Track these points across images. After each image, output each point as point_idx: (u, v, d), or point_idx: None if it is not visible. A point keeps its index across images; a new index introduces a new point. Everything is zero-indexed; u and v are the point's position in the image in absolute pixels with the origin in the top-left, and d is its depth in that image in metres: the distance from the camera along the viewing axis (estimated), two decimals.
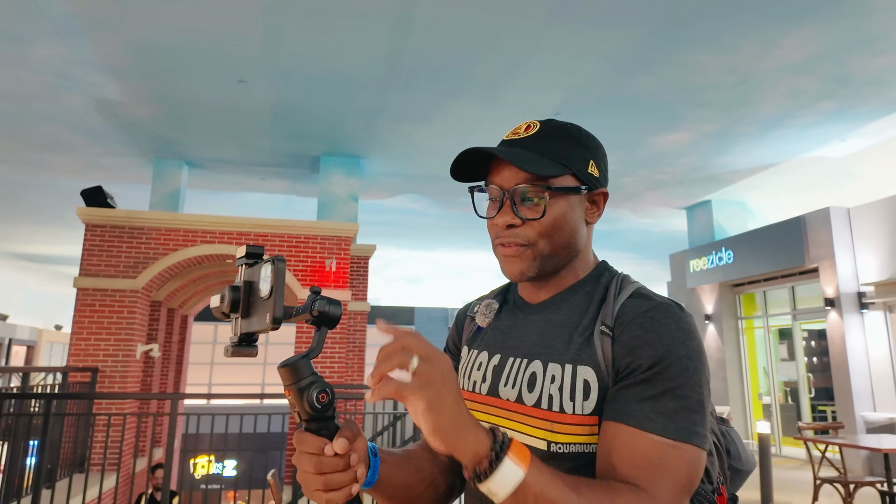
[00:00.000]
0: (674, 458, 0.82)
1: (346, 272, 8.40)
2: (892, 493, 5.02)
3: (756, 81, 6.86)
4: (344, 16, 5.77)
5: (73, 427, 6.55)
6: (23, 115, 7.98)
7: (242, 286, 0.81)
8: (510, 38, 6.13)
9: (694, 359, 0.88)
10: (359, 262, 9.78)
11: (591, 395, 0.89)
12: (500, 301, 1.11)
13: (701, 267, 11.36)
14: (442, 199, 11.77)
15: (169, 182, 9.65)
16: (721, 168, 9.70)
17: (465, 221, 13.33)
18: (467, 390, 1.04)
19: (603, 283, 1.01)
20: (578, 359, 0.92)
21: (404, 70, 6.79)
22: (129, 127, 8.39)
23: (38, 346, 20.97)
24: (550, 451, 0.90)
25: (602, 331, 0.92)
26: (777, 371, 10.55)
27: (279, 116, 8.06)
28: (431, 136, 8.66)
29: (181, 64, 6.68)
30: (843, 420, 8.30)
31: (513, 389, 0.97)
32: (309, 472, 0.79)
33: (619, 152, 9.15)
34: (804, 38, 5.98)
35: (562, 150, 0.98)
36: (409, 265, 19.04)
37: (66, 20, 5.81)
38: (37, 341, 20.90)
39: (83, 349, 7.41)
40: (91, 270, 7.63)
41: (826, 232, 8.87)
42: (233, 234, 8.12)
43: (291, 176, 10.54)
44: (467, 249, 16.38)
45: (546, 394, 0.92)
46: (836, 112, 7.61)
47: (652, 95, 7.27)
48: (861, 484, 5.30)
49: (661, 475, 0.82)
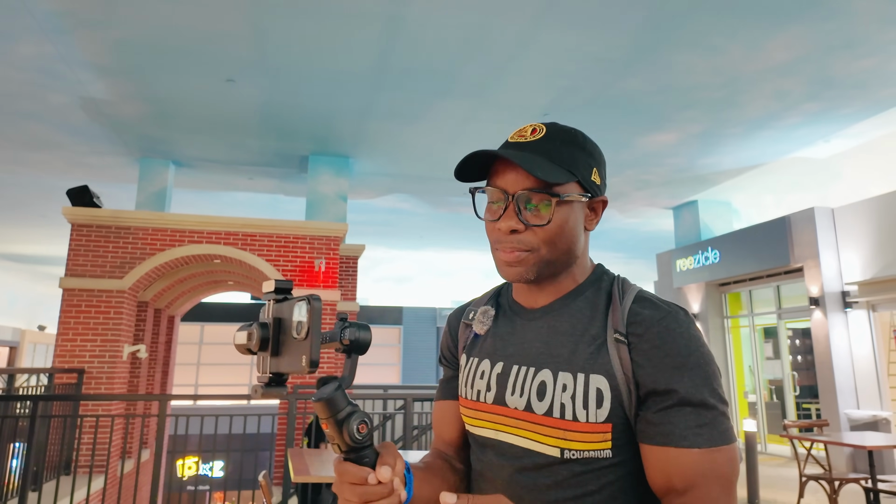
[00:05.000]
0: (719, 463, 0.88)
1: (335, 272, 8.38)
2: (876, 490, 5.09)
3: (742, 83, 6.93)
4: (333, 15, 5.76)
5: (59, 429, 6.48)
6: (7, 114, 7.88)
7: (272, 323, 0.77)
8: (499, 39, 6.15)
9: (710, 363, 0.92)
10: (348, 262, 9.76)
11: (605, 403, 0.91)
12: (495, 306, 1.10)
13: (687, 266, 11.46)
14: (430, 198, 11.77)
15: (155, 181, 9.57)
16: (707, 168, 9.79)
17: (453, 221, 13.34)
18: (471, 399, 1.04)
19: (604, 287, 1.01)
20: (591, 368, 0.93)
21: (393, 70, 6.78)
22: (116, 126, 8.32)
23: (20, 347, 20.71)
24: (564, 457, 0.92)
25: (616, 339, 0.93)
26: (762, 369, 10.67)
27: (267, 115, 8.03)
28: (420, 135, 8.66)
29: (168, 62, 6.63)
30: (828, 417, 8.41)
31: (521, 398, 0.97)
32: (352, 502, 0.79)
33: (606, 153, 9.06)
34: (789, 41, 6.06)
35: (569, 157, 0.97)
36: (398, 265, 19.02)
37: (52, 17, 5.75)
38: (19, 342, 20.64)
39: (69, 350, 7.34)
40: (77, 271, 7.55)
41: (811, 232, 8.98)
42: (220, 234, 8.07)
43: (279, 175, 10.50)
44: (455, 249, 16.41)
45: (558, 402, 0.93)
46: (820, 113, 7.71)
47: (639, 96, 7.32)
48: (846, 480, 5.37)
49: (714, 481, 0.87)
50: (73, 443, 6.63)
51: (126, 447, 7.49)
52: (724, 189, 10.90)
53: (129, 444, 8.26)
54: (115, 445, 7.34)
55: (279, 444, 7.75)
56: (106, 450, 6.90)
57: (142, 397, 5.85)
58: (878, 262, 8.31)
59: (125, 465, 7.76)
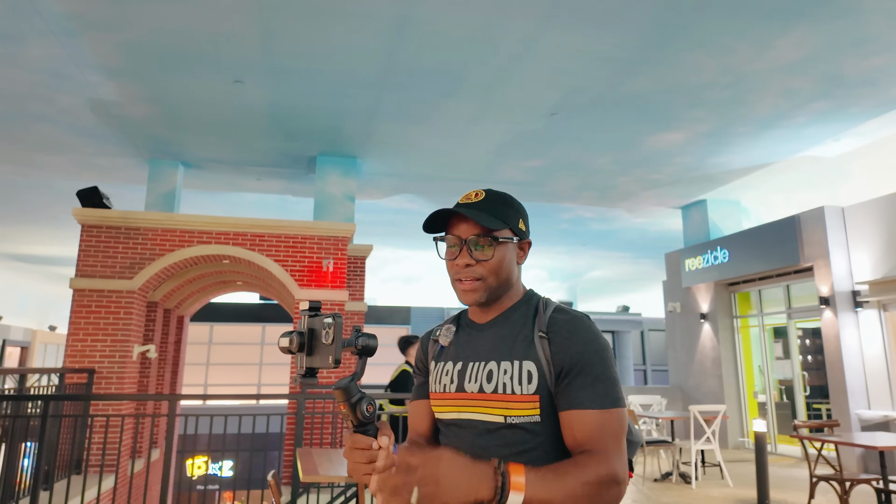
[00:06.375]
0: (610, 421, 1.22)
1: (343, 272, 8.40)
2: (888, 491, 5.06)
3: (750, 82, 6.90)
4: (340, 16, 5.78)
5: (70, 428, 6.53)
6: (17, 116, 7.95)
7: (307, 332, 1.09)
8: (506, 39, 6.14)
9: (605, 349, 1.28)
10: (355, 262, 9.77)
11: (533, 380, 1.27)
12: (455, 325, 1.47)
13: (696, 266, 11.41)
14: (437, 198, 11.78)
15: (165, 182, 9.62)
16: (716, 168, 9.74)
17: None
18: (440, 392, 1.39)
19: (532, 304, 1.39)
20: (523, 356, 1.29)
21: (400, 70, 6.79)
22: (125, 127, 8.37)
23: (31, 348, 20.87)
24: (507, 422, 1.27)
25: (540, 336, 1.31)
26: (772, 369, 10.60)
27: (275, 117, 8.06)
28: (427, 136, 8.66)
29: (177, 64, 6.67)
30: (839, 418, 8.35)
31: (475, 384, 1.33)
32: (360, 463, 1.11)
33: (614, 152, 9.18)
34: (798, 39, 6.02)
35: (503, 212, 1.35)
36: (405, 265, 19.04)
37: (62, 20, 5.80)
38: (31, 342, 20.80)
39: (80, 350, 7.39)
40: (87, 271, 7.60)
41: (820, 231, 8.92)
42: (229, 235, 8.11)
43: (288, 176, 10.53)
44: None
45: (501, 382, 1.29)
46: (829, 112, 7.66)
47: (647, 96, 7.29)
48: (857, 481, 5.33)
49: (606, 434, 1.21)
50: (84, 442, 6.67)
51: (136, 447, 7.54)
52: (734, 188, 10.84)
53: (139, 444, 8.31)
54: (126, 445, 7.39)
55: (288, 444, 7.77)
56: (116, 449, 6.94)
57: (152, 397, 5.89)
58: (888, 261, 8.25)
59: (135, 465, 7.81)
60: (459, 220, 1.34)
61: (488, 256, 1.32)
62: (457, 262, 1.34)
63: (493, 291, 1.35)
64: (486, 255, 1.32)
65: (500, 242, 1.33)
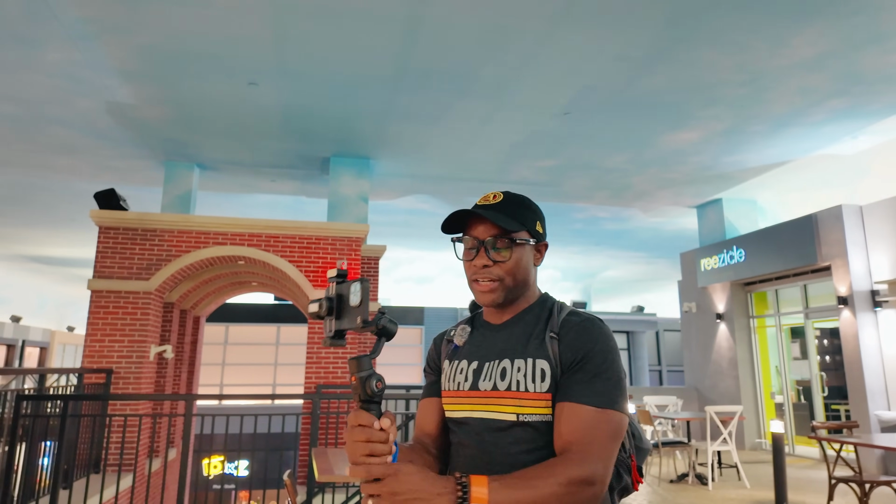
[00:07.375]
0: (601, 422, 1.20)
1: (356, 273, 8.43)
2: None
3: (766, 79, 6.83)
4: (353, 17, 5.80)
5: (88, 428, 6.61)
6: (35, 119, 8.06)
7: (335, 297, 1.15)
8: (518, 39, 6.13)
9: (612, 352, 1.28)
10: (369, 263, 9.80)
11: (546, 378, 1.27)
12: (471, 326, 1.48)
13: (712, 266, 11.32)
14: (450, 199, 11.78)
15: (180, 184, 9.71)
16: (732, 166, 9.66)
17: None
18: (453, 389, 1.39)
19: (547, 306, 1.41)
20: (536, 355, 1.30)
21: (413, 71, 6.80)
22: (141, 130, 8.46)
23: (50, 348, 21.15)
24: (519, 420, 1.27)
25: (551, 336, 1.32)
26: (790, 370, 10.49)
27: (289, 118, 8.10)
28: (440, 136, 8.67)
29: (192, 67, 6.73)
30: (858, 419, 8.25)
31: (489, 381, 1.33)
32: (359, 441, 1.08)
33: (628, 151, 9.13)
34: (815, 36, 5.95)
35: (520, 214, 1.37)
36: (418, 265, 19.06)
37: (79, 24, 5.87)
38: (49, 343, 21.08)
39: (98, 350, 7.48)
40: (104, 272, 7.69)
41: (838, 230, 8.81)
42: (244, 236, 8.16)
43: (301, 177, 10.59)
44: None
45: (514, 380, 1.29)
46: (847, 110, 7.56)
47: (661, 94, 7.25)
48: (877, 483, 5.27)
49: (593, 435, 1.18)
50: (102, 441, 6.76)
51: (153, 446, 7.61)
52: (750, 187, 10.74)
53: (156, 443, 8.39)
54: (143, 444, 7.46)
55: (303, 444, 7.82)
56: (134, 449, 7.02)
57: (168, 397, 5.94)
58: None
59: (153, 464, 7.89)
60: (477, 222, 1.36)
61: (505, 258, 1.33)
62: (474, 263, 1.35)
63: (510, 292, 1.36)
64: (503, 256, 1.33)
65: (518, 244, 1.35)
